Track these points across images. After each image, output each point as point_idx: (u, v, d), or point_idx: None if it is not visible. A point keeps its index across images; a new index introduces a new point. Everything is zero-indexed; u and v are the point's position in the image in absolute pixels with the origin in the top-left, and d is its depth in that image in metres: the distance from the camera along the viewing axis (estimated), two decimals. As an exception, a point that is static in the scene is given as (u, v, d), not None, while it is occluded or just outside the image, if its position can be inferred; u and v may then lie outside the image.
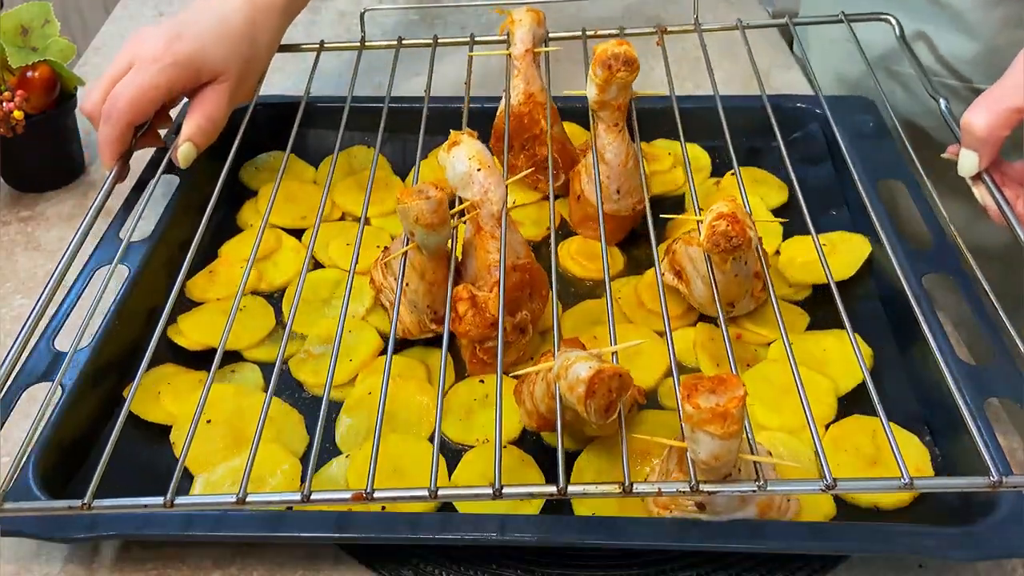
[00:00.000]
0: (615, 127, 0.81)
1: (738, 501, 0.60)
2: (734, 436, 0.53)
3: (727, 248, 0.67)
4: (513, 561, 0.64)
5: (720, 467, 0.55)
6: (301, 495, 0.55)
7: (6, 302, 0.86)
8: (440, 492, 0.56)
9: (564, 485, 0.55)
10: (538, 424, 0.68)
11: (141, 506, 0.57)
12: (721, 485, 0.56)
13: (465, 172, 0.72)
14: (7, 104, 0.91)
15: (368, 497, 0.55)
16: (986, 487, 0.54)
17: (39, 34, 0.96)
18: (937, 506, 0.67)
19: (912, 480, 0.54)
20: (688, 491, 0.55)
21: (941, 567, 0.64)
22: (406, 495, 0.57)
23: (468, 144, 0.73)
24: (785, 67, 1.17)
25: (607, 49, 0.77)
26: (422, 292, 0.75)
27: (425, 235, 0.70)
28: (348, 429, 0.72)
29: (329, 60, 0.89)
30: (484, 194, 0.72)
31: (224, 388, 0.75)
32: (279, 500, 0.59)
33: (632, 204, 0.85)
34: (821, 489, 0.55)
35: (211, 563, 0.65)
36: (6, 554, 0.65)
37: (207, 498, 0.58)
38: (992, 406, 0.71)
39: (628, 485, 0.55)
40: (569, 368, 0.57)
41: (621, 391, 0.56)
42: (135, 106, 0.83)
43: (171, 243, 0.85)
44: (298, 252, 0.88)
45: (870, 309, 0.82)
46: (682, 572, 0.64)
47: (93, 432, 0.72)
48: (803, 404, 0.59)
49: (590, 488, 0.56)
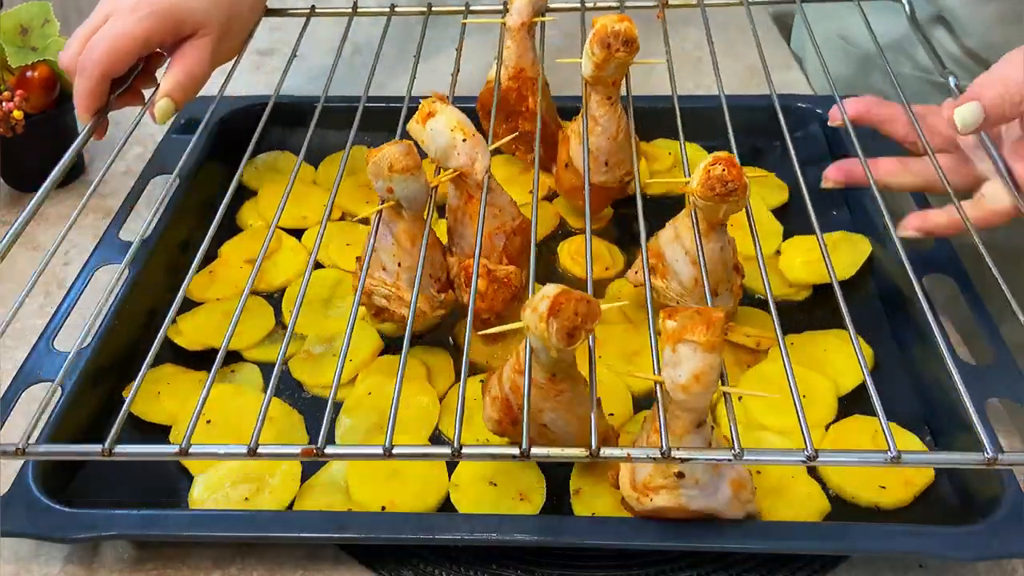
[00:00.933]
0: (608, 100, 0.80)
1: (713, 470, 0.59)
2: (716, 349, 0.52)
3: (722, 192, 0.65)
4: (513, 561, 0.64)
5: (700, 395, 0.53)
6: (247, 449, 0.54)
7: (6, 302, 0.86)
8: (395, 450, 0.54)
9: (527, 447, 0.53)
10: (500, 415, 0.64)
11: (158, 454, 0.56)
12: (696, 452, 0.54)
13: (447, 143, 0.71)
14: (7, 104, 0.91)
15: (319, 453, 0.54)
16: (981, 464, 0.53)
17: (39, 34, 0.96)
18: (937, 506, 0.67)
19: (900, 454, 0.52)
20: (659, 457, 0.53)
21: (941, 567, 0.64)
22: (358, 452, 0.57)
23: (447, 114, 0.71)
24: (785, 67, 1.17)
25: (607, 26, 0.74)
26: (415, 262, 0.71)
27: (403, 183, 0.67)
28: (348, 429, 0.72)
29: (328, 59, 0.89)
30: (471, 164, 0.71)
31: (224, 388, 0.75)
32: (288, 453, 0.58)
33: (620, 176, 0.84)
34: (802, 460, 0.53)
35: (211, 563, 0.65)
36: (6, 554, 0.65)
37: (222, 448, 0.56)
38: (992, 406, 0.71)
39: (595, 449, 0.53)
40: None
41: (588, 319, 0.53)
42: (111, 56, 0.79)
43: (171, 243, 0.85)
44: (298, 252, 0.88)
45: (870, 309, 0.82)
46: (682, 572, 0.64)
47: (93, 432, 0.71)
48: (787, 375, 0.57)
49: (554, 451, 0.54)
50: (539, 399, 0.60)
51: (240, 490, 0.67)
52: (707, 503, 0.59)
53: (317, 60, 1.12)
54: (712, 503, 0.59)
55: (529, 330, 0.54)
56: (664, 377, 0.54)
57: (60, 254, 0.91)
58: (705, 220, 0.69)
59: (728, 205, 0.66)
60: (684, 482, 0.58)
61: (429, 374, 0.76)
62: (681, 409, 0.55)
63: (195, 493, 0.67)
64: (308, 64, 1.12)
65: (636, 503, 0.60)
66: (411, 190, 0.67)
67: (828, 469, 0.68)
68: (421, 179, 0.68)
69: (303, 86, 1.02)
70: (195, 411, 0.57)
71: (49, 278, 0.89)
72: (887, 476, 0.67)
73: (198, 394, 0.73)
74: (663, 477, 0.59)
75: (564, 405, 0.61)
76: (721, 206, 0.66)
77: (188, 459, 0.54)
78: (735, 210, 0.67)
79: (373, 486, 0.67)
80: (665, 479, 0.59)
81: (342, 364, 0.59)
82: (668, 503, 0.59)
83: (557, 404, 0.60)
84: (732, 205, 0.66)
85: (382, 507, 0.65)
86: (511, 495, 0.66)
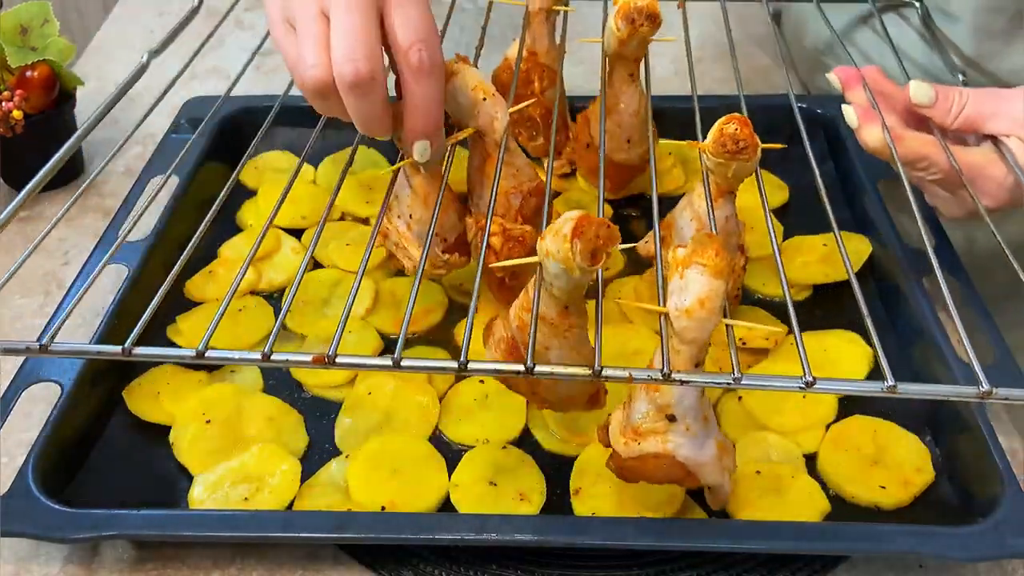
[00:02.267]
0: (630, 77, 0.81)
1: (703, 423, 0.59)
2: (723, 275, 0.53)
3: (733, 150, 0.66)
4: (513, 561, 0.64)
5: (704, 321, 0.54)
6: (261, 355, 0.54)
7: (6, 302, 0.86)
8: (404, 362, 0.54)
9: (532, 364, 0.53)
10: (504, 357, 0.63)
11: (176, 357, 0.57)
12: (695, 375, 0.55)
13: (468, 102, 0.71)
14: (6, 104, 0.91)
15: (330, 360, 0.54)
16: (975, 397, 0.52)
17: (38, 34, 0.96)
18: (937, 506, 0.67)
19: (896, 384, 0.52)
20: (660, 377, 0.53)
21: (941, 567, 0.64)
22: (367, 363, 0.57)
23: (468, 74, 0.71)
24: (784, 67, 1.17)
25: (630, 2, 0.76)
26: (427, 219, 0.72)
27: (422, 144, 0.66)
28: (348, 429, 0.72)
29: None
30: (491, 123, 0.71)
31: (224, 388, 0.75)
32: (300, 361, 0.57)
33: (641, 153, 0.86)
34: (799, 387, 0.53)
35: (211, 563, 0.65)
36: (6, 554, 0.65)
37: (236, 353, 0.56)
38: (992, 406, 0.71)
39: (598, 369, 0.54)
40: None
41: (608, 242, 0.54)
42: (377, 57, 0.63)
43: (171, 243, 0.85)
44: (297, 252, 0.88)
45: (870, 309, 0.82)
46: (682, 572, 0.64)
47: (93, 432, 0.72)
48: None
49: (558, 369, 0.55)
50: (548, 336, 0.60)
51: (240, 490, 0.67)
52: (693, 454, 0.59)
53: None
54: (698, 456, 0.59)
55: (549, 255, 0.54)
56: (669, 306, 0.55)
57: (60, 254, 0.91)
58: (715, 183, 0.70)
59: (738, 164, 0.67)
60: (675, 427, 0.58)
61: (429, 374, 0.76)
62: (682, 342, 0.55)
63: (195, 493, 0.67)
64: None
65: (623, 448, 0.60)
66: (422, 148, 0.67)
67: (828, 469, 0.68)
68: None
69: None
70: (218, 312, 0.57)
71: (48, 278, 0.89)
72: (887, 476, 0.67)
73: (198, 394, 0.74)
74: (654, 421, 0.59)
75: (571, 343, 0.60)
76: (731, 164, 0.67)
77: (204, 361, 0.55)
78: (745, 172, 0.68)
79: (373, 486, 0.67)
80: (656, 423, 0.59)
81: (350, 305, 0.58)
82: (656, 448, 0.59)
83: (564, 342, 0.60)
84: (742, 165, 0.67)
85: (382, 507, 0.65)
86: (511, 495, 0.66)
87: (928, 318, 0.76)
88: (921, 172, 0.72)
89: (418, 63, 0.62)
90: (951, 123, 0.73)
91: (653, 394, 0.58)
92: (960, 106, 0.72)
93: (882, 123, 0.72)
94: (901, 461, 0.68)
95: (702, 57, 1.16)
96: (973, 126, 0.73)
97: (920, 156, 0.71)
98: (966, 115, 0.73)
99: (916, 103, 0.73)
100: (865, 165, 0.90)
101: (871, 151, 0.73)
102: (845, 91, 0.77)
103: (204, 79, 1.18)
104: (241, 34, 1.27)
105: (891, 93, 0.76)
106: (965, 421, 0.68)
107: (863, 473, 0.68)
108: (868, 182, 0.89)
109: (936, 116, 0.73)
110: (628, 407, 0.60)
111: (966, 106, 0.72)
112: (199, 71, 1.19)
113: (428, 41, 0.62)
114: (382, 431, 0.72)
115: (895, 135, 0.71)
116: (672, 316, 0.55)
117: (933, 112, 0.73)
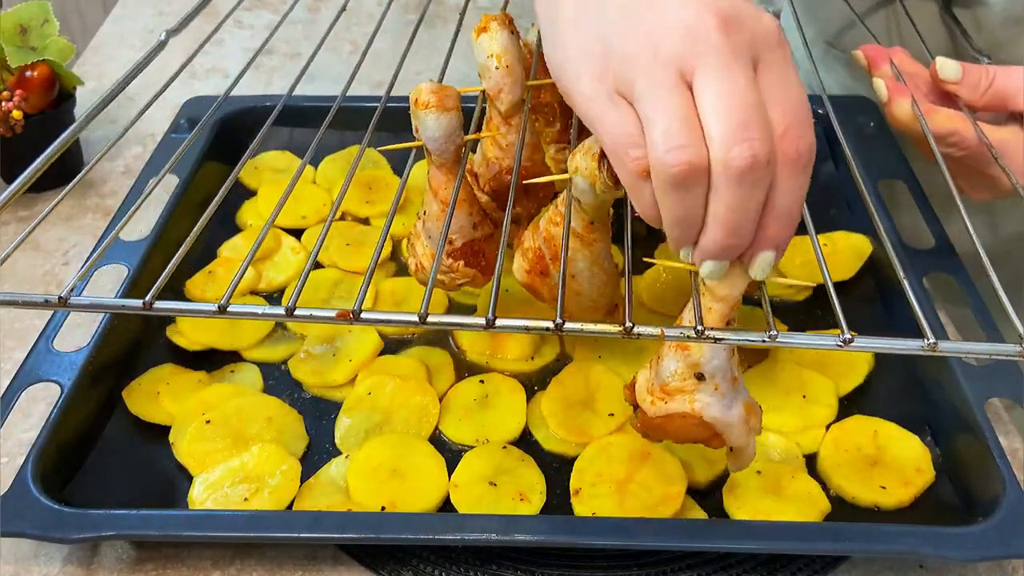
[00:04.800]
0: None
1: (732, 384, 0.59)
2: None
3: None
4: (513, 561, 0.64)
5: (737, 276, 0.53)
6: (285, 309, 0.52)
7: (5, 302, 0.86)
8: (430, 318, 0.52)
9: (561, 321, 0.51)
10: (531, 265, 0.67)
11: (200, 312, 0.54)
12: (728, 331, 0.53)
13: (483, 64, 0.71)
14: (6, 104, 0.91)
15: (355, 316, 0.52)
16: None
17: (38, 33, 0.96)
18: (937, 506, 0.67)
19: (937, 342, 0.51)
20: (694, 335, 0.51)
21: (941, 567, 0.64)
22: (394, 318, 0.54)
23: (494, 37, 0.70)
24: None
25: None
26: (435, 215, 0.69)
27: (424, 120, 0.65)
28: (348, 429, 0.72)
29: (329, 58, 0.89)
30: (498, 93, 0.71)
31: (223, 388, 0.75)
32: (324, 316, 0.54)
33: None
34: (838, 344, 0.51)
35: (210, 564, 0.65)
36: (5, 554, 0.65)
37: (260, 308, 0.54)
38: (992, 406, 0.71)
39: (630, 326, 0.51)
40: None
41: None
42: None
43: (170, 243, 0.85)
44: (297, 252, 0.88)
45: (870, 309, 0.83)
46: (682, 572, 0.64)
47: (92, 432, 0.71)
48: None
49: (588, 326, 0.52)
50: (575, 247, 0.64)
51: (239, 490, 0.67)
52: (721, 414, 0.58)
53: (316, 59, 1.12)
54: (725, 416, 0.58)
55: (579, 171, 0.57)
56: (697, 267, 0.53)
57: (60, 254, 0.91)
58: None
59: None
60: (703, 386, 0.58)
61: (429, 374, 0.76)
62: (714, 299, 0.55)
63: (194, 493, 0.67)
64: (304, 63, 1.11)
65: (650, 407, 0.59)
66: (430, 129, 0.66)
67: (828, 469, 0.68)
68: (442, 120, 0.65)
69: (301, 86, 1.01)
70: (242, 267, 0.56)
71: (48, 278, 0.89)
72: (887, 476, 0.67)
73: (198, 394, 0.74)
74: (683, 379, 0.58)
75: (594, 256, 0.64)
76: None
77: (227, 317, 0.53)
78: None
79: (373, 486, 0.67)
80: (684, 381, 0.58)
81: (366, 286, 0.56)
82: (684, 408, 0.58)
83: (588, 253, 0.64)
84: None
85: (382, 507, 0.65)
86: (511, 495, 0.66)
87: (929, 318, 0.75)
88: (951, 148, 0.71)
89: (796, 154, 0.47)
90: (979, 99, 0.72)
91: (683, 352, 0.58)
92: (988, 81, 0.71)
93: (911, 98, 0.71)
94: (901, 461, 0.68)
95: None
96: (1002, 102, 0.72)
97: (950, 130, 0.70)
98: (994, 91, 0.71)
99: (943, 79, 0.72)
100: (864, 164, 0.90)
101: (899, 125, 0.72)
102: (871, 69, 0.76)
103: (204, 79, 1.18)
104: (241, 34, 1.27)
105: (916, 73, 0.76)
106: (965, 421, 0.68)
107: (863, 473, 0.68)
108: (868, 182, 0.89)
109: (963, 92, 0.72)
110: (656, 365, 0.60)
111: (994, 82, 0.71)
112: (199, 71, 1.19)
113: (807, 123, 0.48)
114: (382, 431, 0.72)
115: (925, 109, 0.70)
116: (703, 273, 0.53)
117: (960, 88, 0.72)
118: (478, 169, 0.76)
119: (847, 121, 0.91)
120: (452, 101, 0.65)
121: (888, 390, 0.75)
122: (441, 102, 0.65)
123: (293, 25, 0.97)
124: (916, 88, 0.75)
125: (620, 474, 0.67)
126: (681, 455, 0.68)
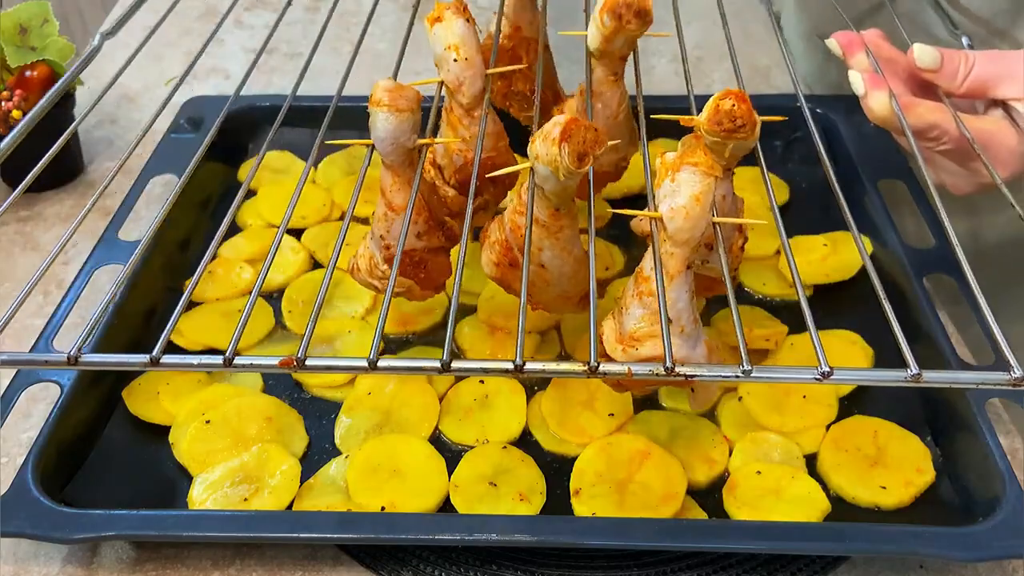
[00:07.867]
0: (613, 76, 0.75)
1: (694, 323, 0.59)
2: (713, 171, 0.54)
3: (729, 128, 0.62)
4: (513, 561, 0.64)
5: (697, 219, 0.54)
6: (223, 359, 0.51)
7: (5, 302, 0.86)
8: (381, 363, 0.50)
9: (521, 363, 0.50)
10: (499, 258, 0.65)
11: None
12: (702, 368, 0.53)
13: (440, 56, 0.69)
14: (6, 103, 0.91)
15: (300, 364, 0.51)
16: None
17: (38, 33, 0.96)
18: (937, 506, 0.67)
19: (921, 372, 0.53)
20: (663, 372, 0.52)
21: (941, 567, 0.64)
22: (339, 364, 0.54)
23: (450, 27, 0.68)
24: (784, 67, 1.17)
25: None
26: (379, 217, 0.67)
27: (376, 119, 0.63)
28: (348, 429, 0.72)
29: (328, 58, 0.89)
30: (459, 87, 0.69)
31: (223, 388, 0.75)
32: (265, 364, 0.54)
33: (615, 160, 0.81)
34: (815, 378, 0.52)
35: (210, 564, 0.65)
36: (5, 554, 0.65)
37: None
38: (992, 406, 0.71)
39: (595, 365, 0.51)
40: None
41: (595, 145, 0.55)
42: None
43: (170, 243, 0.85)
44: (297, 252, 0.88)
45: (870, 309, 0.82)
46: (682, 572, 0.64)
47: (92, 432, 0.71)
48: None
49: (550, 366, 0.52)
50: (540, 236, 0.61)
51: (239, 490, 0.67)
52: (688, 354, 0.59)
53: (316, 59, 1.12)
54: (692, 355, 0.59)
55: (539, 159, 0.56)
56: (662, 209, 0.55)
57: (60, 254, 0.91)
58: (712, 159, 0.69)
59: (735, 143, 0.63)
60: (670, 328, 0.57)
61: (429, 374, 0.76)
62: (675, 244, 0.56)
63: (194, 493, 0.67)
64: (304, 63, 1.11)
65: (622, 356, 0.59)
66: (378, 129, 0.64)
67: (828, 469, 0.68)
68: (391, 121, 0.63)
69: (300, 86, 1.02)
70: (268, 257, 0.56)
71: (48, 278, 0.89)
72: (887, 476, 0.67)
73: (198, 394, 0.74)
74: (651, 324, 0.59)
75: (562, 243, 0.62)
76: (728, 143, 0.63)
77: (160, 369, 0.52)
78: (742, 150, 0.65)
79: (373, 486, 0.67)
80: (653, 325, 0.59)
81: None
82: (654, 352, 0.58)
83: (555, 242, 0.62)
84: (739, 143, 0.64)
85: (382, 507, 0.65)
86: (511, 495, 0.66)
87: (929, 318, 0.76)
88: (931, 142, 0.69)
89: None
90: (959, 87, 0.70)
91: (647, 299, 0.58)
92: (967, 69, 0.69)
93: (889, 91, 0.69)
94: (901, 461, 0.68)
95: (703, 57, 1.16)
96: (982, 90, 0.70)
97: (930, 124, 0.67)
98: (974, 78, 0.69)
99: (921, 67, 0.70)
100: (865, 165, 0.90)
101: (877, 120, 0.70)
102: (846, 57, 0.74)
103: (204, 79, 1.17)
104: (241, 34, 1.27)
105: (894, 58, 0.73)
106: (965, 421, 0.68)
107: (863, 473, 0.68)
108: (868, 182, 0.89)
109: (942, 80, 0.70)
110: (621, 315, 0.60)
111: (973, 69, 0.69)
112: (199, 71, 1.19)
113: None
114: (382, 431, 0.72)
115: (904, 103, 0.68)
116: (666, 219, 0.55)
117: (939, 77, 0.70)
118: (442, 161, 0.73)
119: (847, 121, 0.92)
120: (406, 103, 0.63)
121: (888, 390, 0.75)
122: (393, 102, 0.63)
123: (293, 25, 0.97)
124: (894, 76, 0.72)
125: (620, 474, 0.67)
126: (681, 455, 0.68)
